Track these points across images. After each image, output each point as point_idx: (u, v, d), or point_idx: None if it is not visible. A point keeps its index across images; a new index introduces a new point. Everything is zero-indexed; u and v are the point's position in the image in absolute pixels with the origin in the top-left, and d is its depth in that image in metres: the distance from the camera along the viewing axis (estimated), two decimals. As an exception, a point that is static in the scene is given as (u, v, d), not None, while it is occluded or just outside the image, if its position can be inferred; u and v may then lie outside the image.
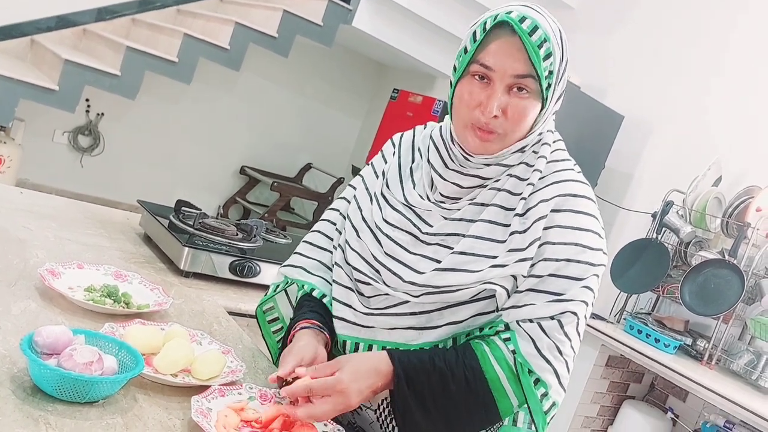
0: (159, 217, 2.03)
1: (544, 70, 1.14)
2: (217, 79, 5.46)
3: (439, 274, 1.19)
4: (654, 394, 3.69)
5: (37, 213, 1.96)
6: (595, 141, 3.91)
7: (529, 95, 1.16)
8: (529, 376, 1.15)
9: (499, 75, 1.15)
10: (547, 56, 1.14)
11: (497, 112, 1.15)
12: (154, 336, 1.24)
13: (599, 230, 1.21)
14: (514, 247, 1.17)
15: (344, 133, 6.39)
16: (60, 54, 4.10)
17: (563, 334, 1.16)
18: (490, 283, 1.17)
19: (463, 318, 1.21)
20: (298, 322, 1.30)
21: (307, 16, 4.60)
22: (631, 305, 3.61)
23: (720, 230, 3.35)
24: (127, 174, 5.39)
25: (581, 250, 1.17)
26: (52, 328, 1.09)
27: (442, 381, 1.16)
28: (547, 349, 1.15)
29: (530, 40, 1.13)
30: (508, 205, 1.21)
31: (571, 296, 1.16)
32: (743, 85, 3.70)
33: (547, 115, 1.21)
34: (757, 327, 3.02)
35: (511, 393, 1.16)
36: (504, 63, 1.14)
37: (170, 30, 4.58)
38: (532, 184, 1.20)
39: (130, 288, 1.51)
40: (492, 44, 1.15)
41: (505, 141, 1.19)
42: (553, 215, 1.18)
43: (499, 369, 1.16)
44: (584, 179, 1.25)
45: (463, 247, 1.20)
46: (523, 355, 1.15)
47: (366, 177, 1.41)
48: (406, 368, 1.16)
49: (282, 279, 1.43)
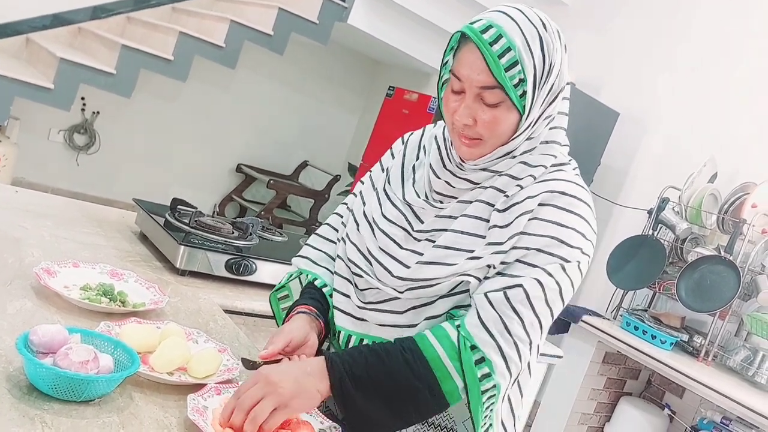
0: (155, 215, 2.03)
1: (510, 79, 1.12)
2: (213, 77, 5.45)
3: (420, 267, 1.20)
4: (651, 391, 3.70)
5: (33, 212, 1.96)
6: (590, 138, 3.92)
7: (499, 104, 1.14)
8: (473, 353, 1.12)
9: (467, 85, 1.15)
10: (511, 66, 1.12)
11: (467, 120, 1.16)
12: (150, 334, 1.24)
13: (585, 230, 1.16)
14: (493, 241, 1.16)
15: (340, 131, 6.39)
16: (55, 52, 4.08)
17: (511, 309, 1.12)
18: (466, 275, 1.17)
19: (440, 312, 1.20)
20: (297, 306, 1.32)
21: (303, 13, 4.59)
22: (627, 302, 3.62)
23: (716, 226, 3.36)
24: (123, 172, 5.38)
25: (557, 243, 1.13)
26: (47, 327, 1.08)
27: (379, 361, 1.14)
28: (492, 321, 1.12)
29: (490, 50, 1.11)
30: (493, 201, 1.20)
31: (525, 274, 1.13)
32: (739, 81, 3.71)
33: (530, 120, 1.18)
34: (753, 323, 3.02)
35: (455, 373, 1.13)
36: (470, 74, 1.14)
37: (165, 28, 4.56)
38: (520, 186, 1.19)
39: (125, 287, 1.51)
40: (461, 55, 1.16)
41: (486, 147, 1.19)
42: (539, 209, 1.16)
43: (439, 347, 1.14)
44: (581, 182, 1.22)
45: (444, 241, 1.20)
46: (466, 326, 1.13)
47: (374, 174, 1.44)
48: (339, 355, 1.16)
49: (296, 269, 1.45)
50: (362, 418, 1.14)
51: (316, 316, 1.30)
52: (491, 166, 1.21)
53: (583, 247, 1.15)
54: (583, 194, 1.20)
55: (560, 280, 1.14)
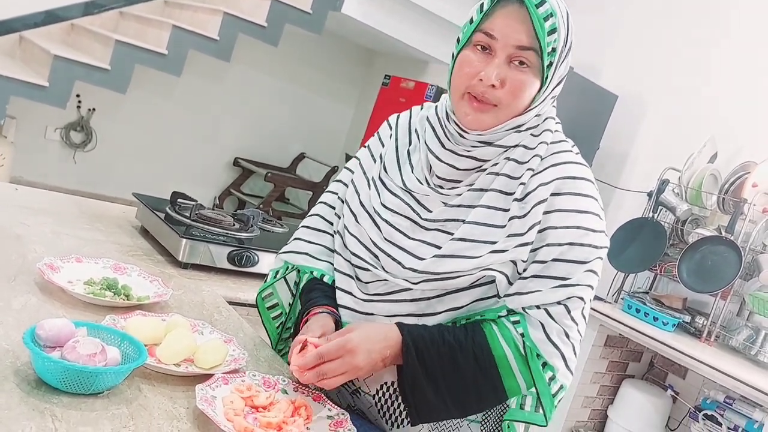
0: (155, 209, 2.03)
1: (547, 45, 1.13)
2: (208, 70, 5.44)
3: (439, 260, 1.19)
4: (653, 372, 3.70)
5: (33, 209, 1.95)
6: (589, 121, 3.92)
7: (529, 69, 1.15)
8: (538, 360, 1.16)
9: (502, 44, 1.15)
10: (551, 31, 1.14)
11: (496, 81, 1.15)
12: (156, 327, 1.24)
13: (599, 212, 1.20)
14: (514, 232, 1.17)
15: (337, 122, 6.38)
16: (49, 50, 4.07)
17: (570, 319, 1.17)
18: (490, 270, 1.17)
19: (463, 304, 1.22)
20: (314, 307, 1.29)
21: (296, 3, 4.58)
22: (628, 284, 3.62)
23: (716, 207, 3.36)
24: (120, 169, 5.37)
25: (584, 233, 1.16)
26: (54, 321, 1.08)
27: (451, 354, 1.16)
28: (556, 334, 1.16)
29: (537, 12, 1.12)
30: (507, 189, 1.20)
31: (577, 281, 1.16)
32: (737, 61, 3.70)
33: (546, 95, 1.19)
34: (755, 302, 3.03)
35: (518, 373, 1.17)
36: (508, 32, 1.14)
37: (159, 22, 4.54)
38: (532, 169, 1.19)
39: (129, 280, 1.51)
40: (498, 14, 1.15)
41: (500, 115, 1.18)
42: (553, 199, 1.17)
43: (507, 347, 1.17)
44: (583, 161, 1.24)
45: (462, 234, 1.19)
46: (533, 340, 1.16)
47: (363, 160, 1.40)
48: (415, 339, 1.16)
49: (281, 265, 1.42)
50: (425, 402, 1.18)
51: (336, 317, 1.29)
52: (496, 139, 1.20)
53: (604, 229, 1.20)
54: (588, 173, 1.22)
55: (598, 272, 1.20)
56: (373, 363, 1.14)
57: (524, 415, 1.18)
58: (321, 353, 1.11)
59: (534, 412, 1.18)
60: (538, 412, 1.18)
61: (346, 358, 1.11)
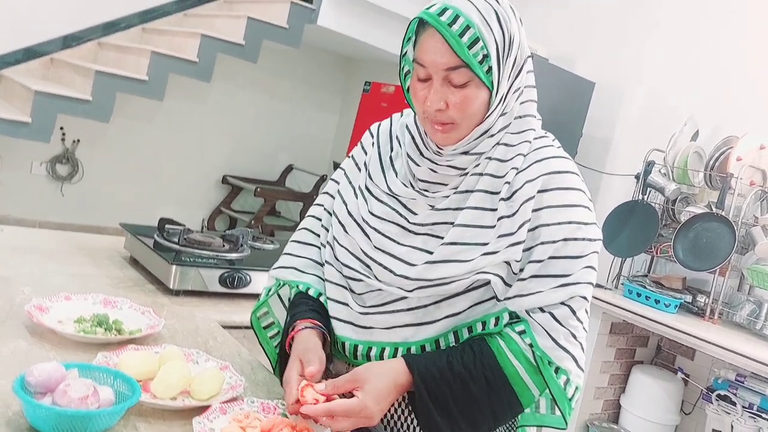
0: (143, 237, 2.02)
1: (473, 57, 1.12)
2: (190, 92, 5.43)
3: (432, 266, 1.18)
4: (662, 356, 3.69)
5: (20, 248, 1.94)
6: (569, 110, 3.92)
7: (468, 83, 1.14)
8: (550, 366, 1.16)
9: (433, 70, 1.15)
10: (473, 43, 1.12)
11: (439, 105, 1.15)
12: (149, 360, 1.23)
13: (588, 203, 1.21)
14: (504, 232, 1.16)
15: (322, 131, 6.38)
16: (29, 86, 4.06)
17: (576, 319, 1.17)
18: (484, 273, 1.17)
19: (460, 309, 1.21)
20: (299, 321, 1.27)
21: (272, 20, 4.58)
22: (626, 269, 3.62)
23: (704, 184, 3.36)
24: (109, 197, 5.35)
25: (576, 227, 1.16)
26: (43, 366, 1.07)
27: (463, 385, 1.15)
28: (564, 338, 1.16)
29: (450, 31, 1.12)
30: (493, 189, 1.20)
31: (576, 278, 1.16)
32: (708, 37, 3.70)
33: (501, 95, 1.18)
34: (754, 276, 3.02)
35: (532, 385, 1.17)
36: (433, 58, 1.14)
37: (137, 49, 4.54)
38: (516, 168, 1.19)
39: (120, 314, 1.50)
40: (421, 41, 1.16)
41: (461, 131, 1.18)
42: (541, 195, 1.17)
43: (517, 363, 1.16)
44: (566, 154, 1.24)
45: (452, 237, 1.19)
46: (542, 348, 1.15)
47: (348, 170, 1.40)
48: (425, 378, 1.15)
49: (274, 283, 1.41)
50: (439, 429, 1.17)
51: (320, 329, 1.27)
52: (471, 148, 1.20)
53: (595, 221, 1.21)
54: (573, 166, 1.23)
55: (595, 266, 1.20)
56: (384, 411, 1.14)
57: (539, 418, 1.18)
58: (332, 410, 1.09)
59: (551, 414, 1.18)
60: (555, 413, 1.18)
61: (359, 420, 1.10)
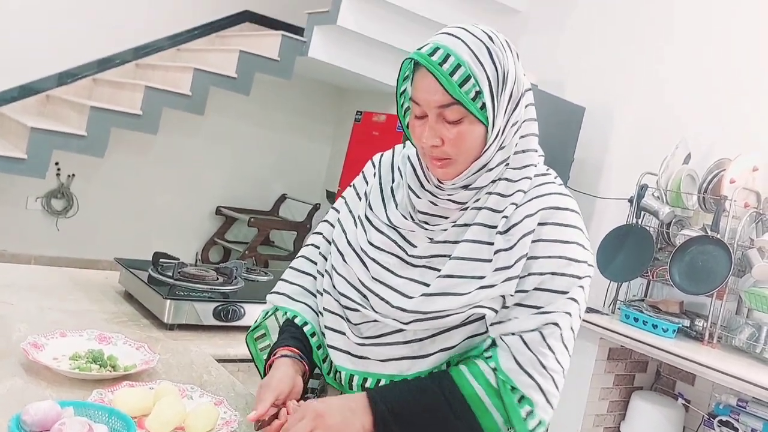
0: (137, 272, 2.02)
1: (466, 94, 1.13)
2: (183, 125, 5.45)
3: (428, 299, 1.18)
4: (661, 382, 3.65)
5: (16, 285, 1.94)
6: (560, 135, 3.94)
7: (461, 120, 1.16)
8: (513, 393, 1.14)
9: (427, 108, 1.17)
10: (464, 81, 1.13)
11: (434, 141, 1.17)
12: (144, 397, 1.23)
13: (584, 242, 1.21)
14: (501, 266, 1.17)
15: (314, 160, 6.41)
16: (25, 123, 4.09)
17: (546, 346, 1.15)
18: (479, 306, 1.17)
19: (455, 343, 1.21)
20: (278, 348, 1.29)
21: (263, 52, 4.63)
22: (623, 294, 3.60)
23: (698, 206, 3.35)
24: (104, 231, 5.35)
25: (567, 263, 1.17)
26: (39, 405, 1.07)
27: (419, 401, 1.16)
28: (530, 363, 1.14)
29: (440, 70, 1.13)
30: (491, 222, 1.20)
31: (554, 308, 1.16)
32: (697, 60, 3.74)
33: (498, 130, 1.18)
34: (752, 299, 3.00)
35: (493, 409, 1.15)
36: (426, 97, 1.16)
37: (131, 85, 4.59)
38: (515, 204, 1.20)
39: (115, 350, 1.49)
40: (416, 80, 1.18)
41: (459, 166, 1.20)
42: (540, 229, 1.18)
43: (477, 384, 1.16)
44: (567, 191, 1.25)
45: (449, 270, 1.19)
46: (504, 371, 1.14)
47: (348, 199, 1.41)
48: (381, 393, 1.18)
49: (271, 306, 1.43)
50: None
51: (299, 358, 1.28)
52: (471, 183, 1.21)
53: (587, 259, 1.20)
54: (573, 204, 1.23)
55: (580, 300, 1.19)
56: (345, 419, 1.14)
57: None
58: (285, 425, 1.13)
59: None
60: None
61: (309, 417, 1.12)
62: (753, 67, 3.52)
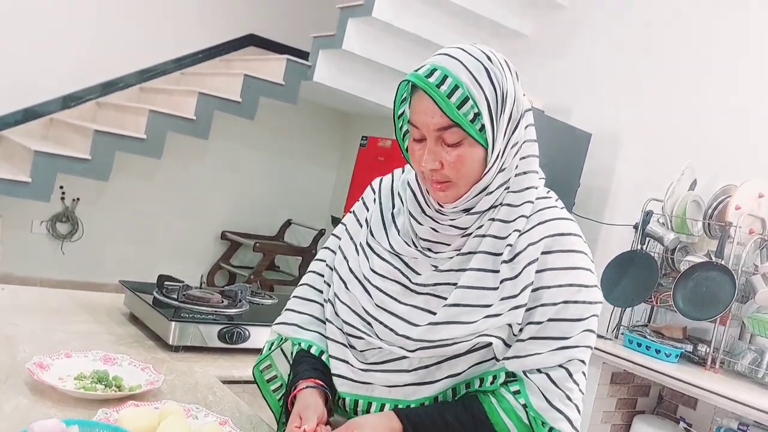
0: (143, 294, 2.02)
1: (465, 115, 1.12)
2: (188, 149, 5.48)
3: (434, 328, 1.18)
4: (663, 406, 3.65)
5: (22, 307, 1.94)
6: (566, 161, 3.96)
7: (460, 143, 1.14)
8: (543, 427, 1.15)
9: (426, 131, 1.15)
10: (461, 103, 1.12)
11: (433, 165, 1.15)
12: (149, 417, 1.23)
13: (590, 266, 1.21)
14: (507, 295, 1.16)
15: (320, 186, 6.42)
16: (29, 146, 4.11)
17: (573, 381, 1.16)
18: (486, 335, 1.17)
19: (461, 370, 1.20)
20: (301, 380, 1.27)
21: (268, 77, 4.66)
22: (626, 319, 3.60)
23: (703, 233, 3.36)
24: (109, 255, 5.36)
25: (577, 289, 1.16)
26: (44, 423, 1.07)
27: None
28: (558, 399, 1.15)
29: (438, 92, 1.11)
30: (495, 250, 1.19)
31: (575, 342, 1.16)
32: (704, 86, 3.76)
33: (498, 152, 1.17)
34: (755, 324, 3.01)
35: None
36: (424, 120, 1.14)
37: (135, 108, 4.61)
38: (518, 230, 1.19)
39: (120, 371, 1.50)
40: (413, 103, 1.17)
41: (459, 189, 1.18)
42: (545, 257, 1.17)
43: (509, 421, 1.16)
44: (568, 215, 1.24)
45: (456, 299, 1.18)
46: (536, 409, 1.15)
47: (349, 226, 1.40)
48: (416, 426, 1.16)
49: (276, 337, 1.41)
50: None
51: (323, 389, 1.26)
52: (472, 206, 1.20)
53: (596, 284, 1.20)
54: (576, 227, 1.22)
55: (595, 329, 1.19)
56: None
57: None
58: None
59: None
60: None
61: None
62: (759, 94, 3.54)
